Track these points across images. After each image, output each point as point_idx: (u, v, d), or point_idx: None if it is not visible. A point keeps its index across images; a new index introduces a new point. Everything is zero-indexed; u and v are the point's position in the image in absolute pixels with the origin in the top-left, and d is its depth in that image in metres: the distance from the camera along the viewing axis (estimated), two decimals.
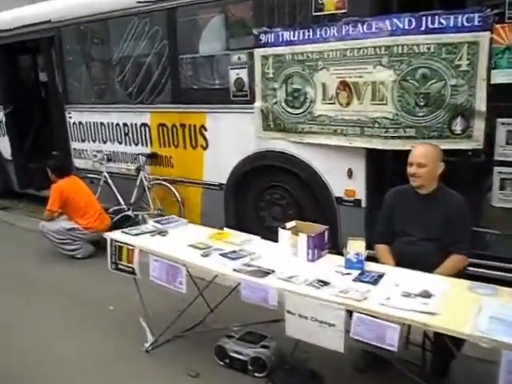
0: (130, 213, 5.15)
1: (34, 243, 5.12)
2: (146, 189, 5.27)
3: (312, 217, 4.39)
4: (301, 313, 2.15)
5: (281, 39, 4.09)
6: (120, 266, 2.91)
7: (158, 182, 5.25)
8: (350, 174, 4.04)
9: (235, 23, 4.49)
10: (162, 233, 3.06)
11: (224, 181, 4.79)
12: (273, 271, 2.41)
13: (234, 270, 2.44)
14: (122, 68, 5.35)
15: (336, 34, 3.77)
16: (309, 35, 3.93)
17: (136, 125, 5.39)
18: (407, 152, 2.82)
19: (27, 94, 7.02)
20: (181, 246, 2.83)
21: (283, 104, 4.20)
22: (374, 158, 3.90)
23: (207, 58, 4.76)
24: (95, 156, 5.77)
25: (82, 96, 5.91)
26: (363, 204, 4.05)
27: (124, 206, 5.38)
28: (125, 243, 2.87)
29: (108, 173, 5.63)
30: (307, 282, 2.26)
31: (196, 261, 2.60)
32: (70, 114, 6.07)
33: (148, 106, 5.21)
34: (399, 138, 3.60)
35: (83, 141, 6.04)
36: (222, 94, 4.63)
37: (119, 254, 2.89)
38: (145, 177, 5.29)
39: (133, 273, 2.85)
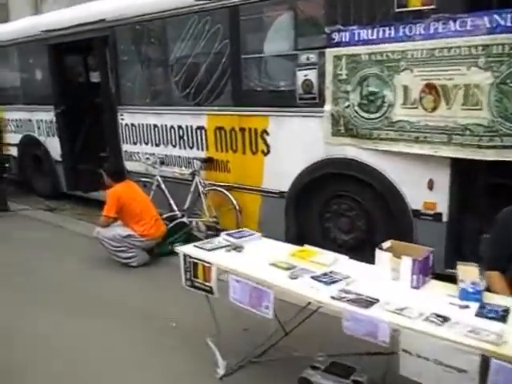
0: (184, 220, 4.93)
1: (85, 248, 4.97)
2: (201, 195, 5.04)
3: (383, 230, 4.09)
4: (420, 353, 1.84)
5: (357, 38, 3.78)
6: (196, 284, 2.66)
7: (214, 187, 5.01)
8: (430, 185, 3.69)
9: (304, 21, 4.20)
10: (238, 248, 2.79)
11: (286, 189, 4.51)
12: (377, 300, 2.11)
13: (332, 297, 2.15)
14: (179, 68, 5.14)
15: (422, 32, 3.44)
16: (390, 33, 3.61)
17: (192, 127, 5.17)
18: (502, 163, 2.47)
19: (78, 95, 6.91)
20: (261, 264, 2.56)
21: (357, 108, 3.89)
22: (460, 169, 3.55)
23: (272, 58, 4.49)
24: (148, 159, 5.58)
25: (136, 97, 5.74)
26: (445, 218, 3.69)
27: (177, 213, 5.17)
28: (201, 260, 2.61)
29: (161, 177, 5.43)
30: (423, 317, 1.95)
31: (284, 284, 2.32)
32: (122, 115, 5.91)
33: (205, 108, 4.98)
34: (494, 147, 3.23)
35: (135, 143, 5.87)
36: (287, 96, 4.36)
37: (194, 270, 2.64)
38: (200, 182, 5.06)
39: (210, 292, 2.59)
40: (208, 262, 2.58)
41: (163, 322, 3.42)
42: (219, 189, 4.95)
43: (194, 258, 2.65)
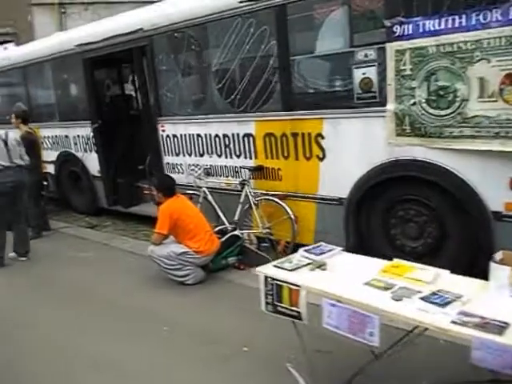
0: (237, 233, 4.70)
1: (135, 266, 4.81)
2: (253, 205, 4.81)
3: (456, 235, 3.79)
4: None
5: (421, 29, 3.50)
6: (280, 309, 2.41)
7: (266, 197, 4.77)
8: None
9: (361, 15, 3.93)
10: (321, 266, 2.54)
11: (345, 195, 4.24)
12: (506, 324, 1.83)
13: (453, 322, 1.87)
14: (223, 75, 4.93)
15: (500, 18, 3.14)
16: (460, 22, 3.32)
17: (238, 135, 4.95)
18: None
19: (113, 108, 6.80)
20: (354, 284, 2.30)
21: (424, 105, 3.61)
22: None
23: (325, 57, 4.24)
24: (193, 170, 5.39)
25: (177, 107, 5.55)
26: None
27: (227, 225, 4.95)
28: (286, 282, 2.37)
29: (207, 188, 5.23)
30: None
31: (390, 307, 2.06)
32: (163, 126, 5.74)
33: (253, 114, 4.75)
34: None
35: (178, 154, 5.68)
36: (343, 96, 4.10)
37: (279, 294, 2.39)
38: (250, 192, 4.83)
39: (298, 318, 2.34)
40: (295, 285, 2.33)
41: (233, 346, 3.18)
42: (272, 198, 4.71)
43: (278, 280, 2.40)
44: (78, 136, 6.99)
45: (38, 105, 7.85)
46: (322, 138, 4.28)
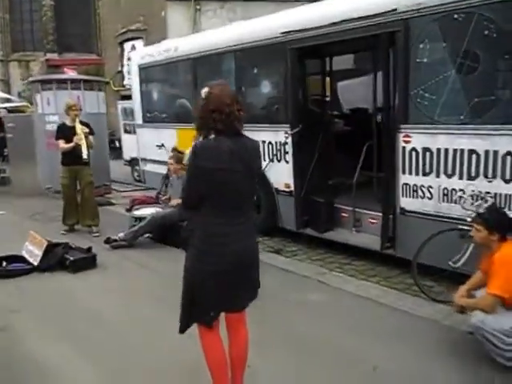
0: None
1: (403, 327, 3.50)
2: None
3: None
4: None
5: None
6: None
7: None
8: None
9: None
10: None
11: None
12: None
13: None
14: None
15: None
16: None
17: None
18: None
19: (313, 109, 5.62)
20: None
21: None
22: None
23: None
24: (461, 198, 4.02)
25: (439, 113, 4.20)
26: None
27: None
28: None
29: None
30: None
31: None
32: (407, 137, 4.43)
33: None
34: None
35: (427, 174, 4.34)
36: None
37: None
38: None
39: None
40: None
41: None
42: None
43: None
44: (264, 142, 5.85)
45: None
46: None
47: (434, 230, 4.09)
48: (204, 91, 2.22)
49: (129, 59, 15.85)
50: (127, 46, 16.01)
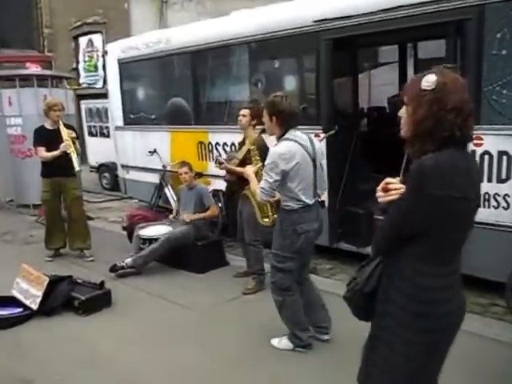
0: None
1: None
2: None
3: None
4: None
5: None
6: None
7: None
8: None
9: None
10: None
11: None
12: None
13: None
14: None
15: None
16: None
17: None
18: None
19: (346, 109, 5.01)
20: None
21: None
22: None
23: None
24: None
25: None
26: None
27: None
28: None
29: None
30: None
31: None
32: (479, 139, 3.88)
33: None
34: None
35: (503, 180, 3.84)
36: None
37: None
38: None
39: None
40: None
41: None
42: None
43: None
44: None
45: (210, 103, 6.08)
46: None
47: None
48: (430, 79, 1.48)
49: (89, 55, 14.54)
50: (83, 40, 14.66)
